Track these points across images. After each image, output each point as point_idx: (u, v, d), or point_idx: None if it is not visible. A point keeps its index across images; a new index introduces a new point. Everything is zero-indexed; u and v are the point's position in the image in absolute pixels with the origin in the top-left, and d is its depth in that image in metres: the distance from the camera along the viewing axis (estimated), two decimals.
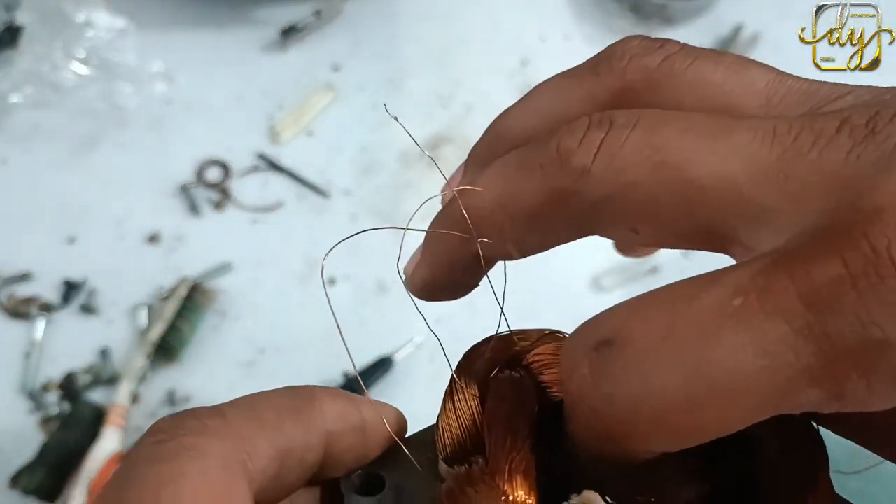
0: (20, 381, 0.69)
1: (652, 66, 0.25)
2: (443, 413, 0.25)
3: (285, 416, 0.24)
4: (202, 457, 0.21)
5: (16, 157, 0.81)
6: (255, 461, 0.22)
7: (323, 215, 0.77)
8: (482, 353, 0.27)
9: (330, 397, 0.26)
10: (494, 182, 0.25)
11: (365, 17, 0.89)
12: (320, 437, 0.25)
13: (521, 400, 0.25)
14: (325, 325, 0.70)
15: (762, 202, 0.20)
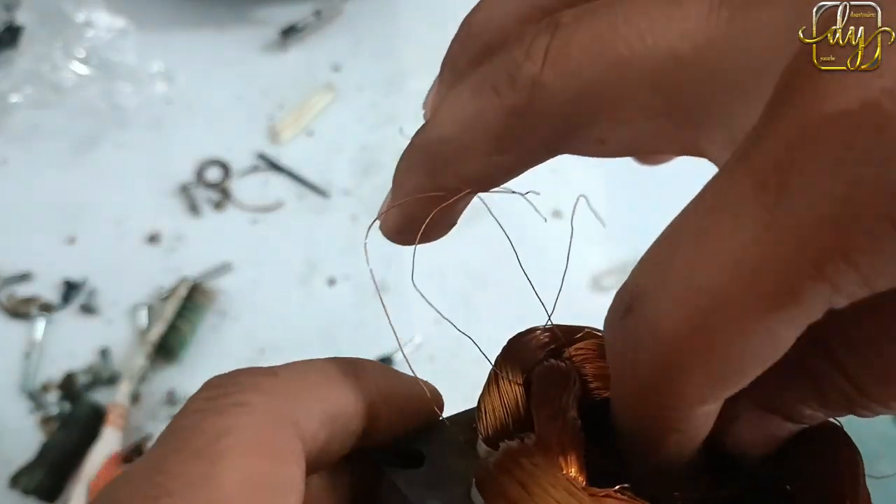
0: (20, 381, 0.69)
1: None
2: (486, 395, 0.25)
3: (333, 380, 0.24)
4: (253, 412, 0.21)
5: (16, 157, 0.81)
6: (307, 423, 0.22)
7: (323, 215, 0.77)
8: (528, 342, 0.27)
9: (373, 366, 0.26)
10: (454, 110, 0.24)
11: (365, 17, 0.89)
12: (364, 406, 0.25)
13: (569, 386, 0.25)
14: (325, 325, 0.70)
15: (721, 79, 0.19)
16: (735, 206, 0.17)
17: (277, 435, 0.21)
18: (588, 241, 0.73)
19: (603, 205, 0.76)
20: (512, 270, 0.26)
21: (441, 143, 0.24)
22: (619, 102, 0.20)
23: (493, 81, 0.22)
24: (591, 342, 0.27)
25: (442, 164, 0.24)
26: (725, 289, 0.17)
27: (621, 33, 0.20)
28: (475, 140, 0.23)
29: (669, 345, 0.18)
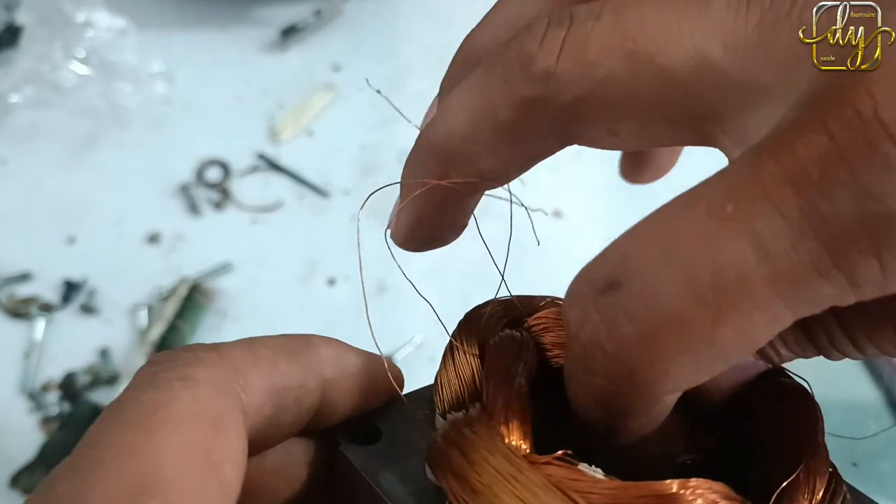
0: (20, 381, 0.69)
1: None
2: (442, 369, 0.25)
3: (281, 355, 0.24)
4: (195, 385, 0.21)
5: (16, 157, 0.81)
6: (249, 395, 0.22)
7: (323, 215, 0.77)
8: (483, 314, 0.27)
9: (328, 343, 0.26)
10: (461, 104, 0.23)
11: (365, 17, 0.89)
12: (317, 381, 0.25)
13: (521, 355, 0.25)
14: (325, 325, 0.70)
15: (747, 79, 0.19)
16: (768, 191, 0.16)
17: (217, 406, 0.21)
18: (588, 241, 0.73)
19: (603, 205, 0.76)
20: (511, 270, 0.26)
21: (450, 137, 0.24)
22: (635, 98, 0.20)
23: (504, 73, 0.22)
24: (553, 311, 0.27)
25: (452, 158, 0.24)
26: (748, 272, 0.17)
27: (645, 28, 0.19)
28: (486, 132, 0.23)
29: (669, 320, 0.18)
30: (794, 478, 0.21)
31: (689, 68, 0.19)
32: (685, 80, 0.19)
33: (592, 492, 0.19)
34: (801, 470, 0.21)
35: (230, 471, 0.20)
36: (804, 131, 0.16)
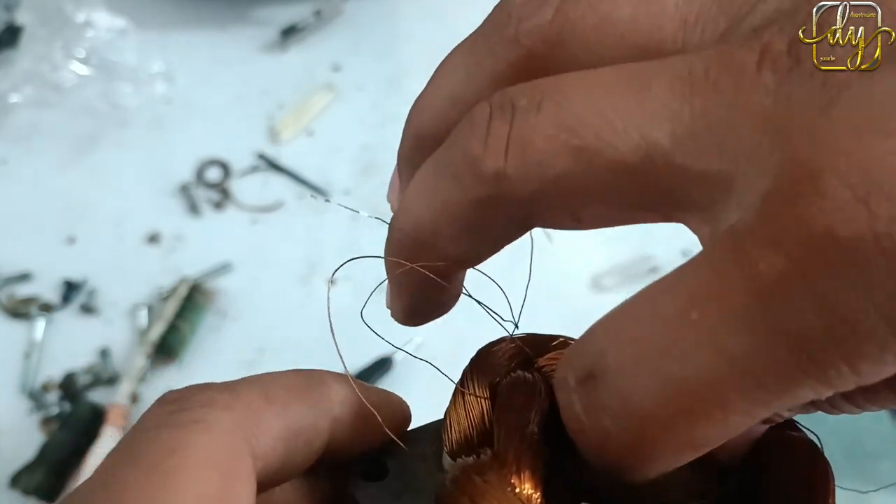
0: (20, 381, 0.69)
1: (544, 23, 0.21)
2: (452, 407, 0.25)
3: (295, 395, 0.24)
4: (209, 429, 0.21)
5: (16, 157, 0.81)
6: (262, 438, 0.22)
7: (323, 215, 0.77)
8: (495, 354, 0.27)
9: (339, 382, 0.26)
10: (420, 197, 0.23)
11: (365, 17, 0.89)
12: (328, 421, 0.24)
13: (533, 399, 0.24)
14: (325, 325, 0.70)
15: (700, 169, 0.18)
16: (730, 302, 0.16)
17: (231, 453, 0.21)
18: (588, 241, 0.73)
19: None
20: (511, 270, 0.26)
21: (416, 229, 0.23)
22: (591, 191, 0.20)
23: (454, 173, 0.21)
24: (563, 353, 0.26)
25: (420, 247, 0.24)
26: (718, 381, 0.17)
27: (588, 121, 0.19)
28: (447, 227, 0.22)
29: (643, 421, 0.18)
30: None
31: (639, 159, 0.18)
32: (638, 171, 0.18)
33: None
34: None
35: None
36: (762, 245, 0.16)
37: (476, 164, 0.20)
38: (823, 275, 0.15)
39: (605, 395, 0.19)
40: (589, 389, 0.19)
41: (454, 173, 0.21)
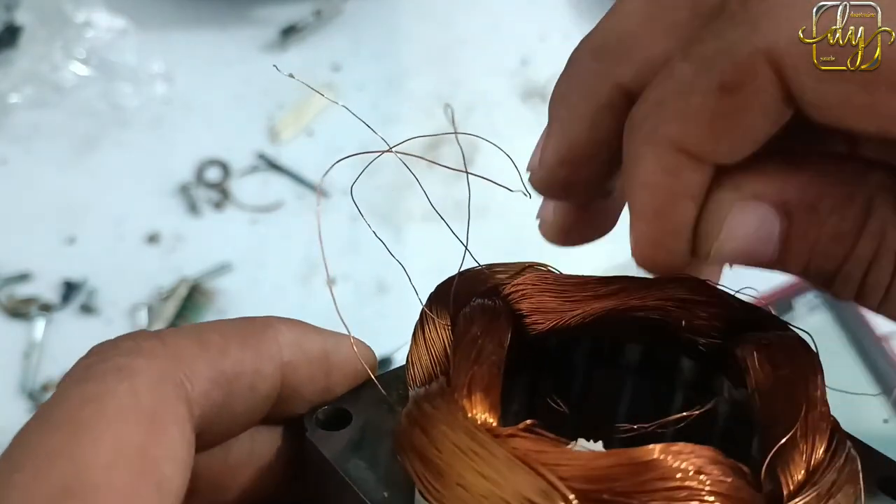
0: (20, 381, 0.69)
1: None
2: (413, 345, 0.25)
3: (232, 340, 0.24)
4: (132, 376, 0.20)
5: (16, 157, 0.81)
6: (194, 383, 0.22)
7: (323, 215, 0.77)
8: (458, 283, 0.27)
9: (286, 326, 0.26)
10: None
11: (365, 17, 0.89)
12: (274, 365, 0.24)
13: (491, 323, 0.24)
14: (324, 325, 0.70)
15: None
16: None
17: (156, 398, 0.20)
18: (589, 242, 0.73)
19: None
20: None
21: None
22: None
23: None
24: (532, 276, 0.26)
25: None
26: None
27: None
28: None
29: None
30: (790, 436, 0.20)
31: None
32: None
33: (561, 463, 0.18)
34: (797, 427, 0.20)
35: (170, 468, 0.20)
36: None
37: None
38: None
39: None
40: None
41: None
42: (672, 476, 0.18)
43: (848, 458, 0.20)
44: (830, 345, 0.64)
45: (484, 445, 0.19)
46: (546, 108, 0.29)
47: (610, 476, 0.18)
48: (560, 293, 0.26)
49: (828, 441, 0.20)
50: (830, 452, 0.20)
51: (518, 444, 0.19)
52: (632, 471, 0.18)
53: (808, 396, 0.21)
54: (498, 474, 0.18)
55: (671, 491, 0.18)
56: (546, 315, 0.25)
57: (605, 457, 0.18)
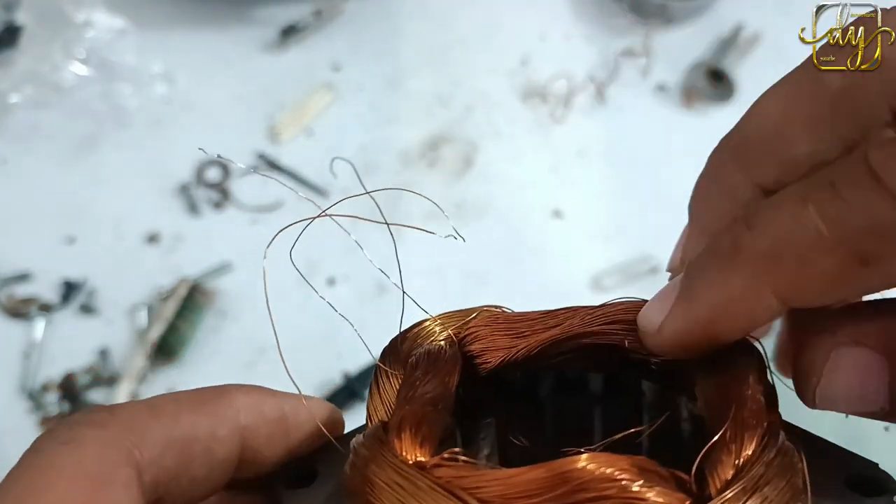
0: (20, 381, 0.69)
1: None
2: (369, 399, 0.25)
3: (186, 407, 0.24)
4: (79, 445, 0.22)
5: (15, 157, 0.81)
6: (144, 449, 0.23)
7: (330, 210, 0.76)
8: (410, 335, 0.28)
9: (242, 392, 0.26)
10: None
11: (365, 17, 0.89)
12: (230, 428, 0.25)
13: (433, 365, 0.25)
14: (324, 325, 0.70)
15: None
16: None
17: (101, 464, 0.21)
18: (588, 241, 0.73)
19: (604, 204, 0.76)
20: (511, 270, 0.26)
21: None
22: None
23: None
24: (483, 318, 0.27)
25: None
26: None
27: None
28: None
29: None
30: (720, 437, 0.20)
31: None
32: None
33: (481, 485, 0.19)
34: (726, 428, 0.20)
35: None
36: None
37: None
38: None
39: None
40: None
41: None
42: (591, 485, 0.18)
43: (780, 451, 0.20)
44: None
45: (408, 478, 0.20)
46: (546, 109, 0.29)
47: (531, 490, 0.19)
48: (508, 330, 0.27)
49: (759, 438, 0.20)
50: (761, 448, 0.20)
51: (442, 473, 0.20)
52: (552, 482, 0.19)
53: (739, 396, 0.21)
54: (419, 501, 0.20)
55: (593, 501, 0.18)
56: (495, 353, 0.26)
57: (526, 472, 0.19)
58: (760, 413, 0.21)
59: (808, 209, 0.19)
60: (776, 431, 0.21)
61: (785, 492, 0.20)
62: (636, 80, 0.83)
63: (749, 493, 0.19)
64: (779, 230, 0.20)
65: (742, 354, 0.23)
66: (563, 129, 0.80)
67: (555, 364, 0.27)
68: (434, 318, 0.28)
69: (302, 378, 0.71)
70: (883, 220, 0.18)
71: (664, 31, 0.86)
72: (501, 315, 0.28)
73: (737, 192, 0.24)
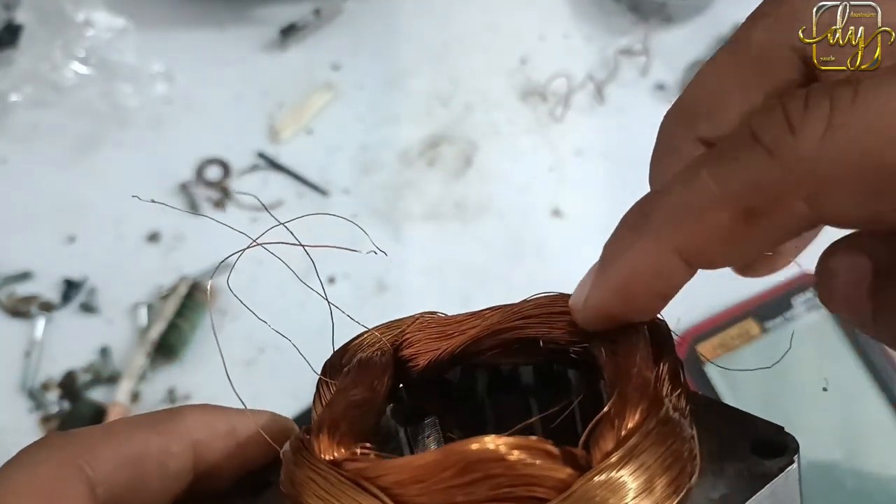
0: (20, 380, 0.69)
1: None
2: (313, 410, 0.27)
3: (139, 427, 0.27)
4: (34, 465, 0.24)
5: (16, 156, 0.81)
6: (96, 466, 0.25)
7: (323, 215, 0.77)
8: (349, 348, 0.31)
9: (194, 409, 0.28)
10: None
11: (364, 16, 0.89)
12: (182, 444, 0.27)
13: (362, 371, 0.27)
14: (324, 324, 0.70)
15: None
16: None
17: (54, 480, 0.24)
18: (588, 241, 0.73)
19: (603, 203, 0.76)
20: (511, 269, 0.27)
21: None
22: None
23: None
24: (417, 324, 0.30)
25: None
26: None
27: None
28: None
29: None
30: (604, 413, 0.22)
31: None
32: None
33: (381, 474, 0.21)
34: (611, 403, 0.22)
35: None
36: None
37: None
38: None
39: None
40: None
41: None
42: (480, 465, 0.20)
43: (660, 421, 0.22)
44: (829, 344, 0.64)
45: (321, 474, 0.22)
46: (545, 108, 0.30)
47: (426, 474, 0.21)
48: (438, 333, 0.29)
49: (642, 411, 0.22)
50: (642, 420, 0.22)
51: (350, 467, 0.22)
52: (445, 465, 0.20)
53: (625, 373, 0.23)
54: (331, 495, 0.22)
55: (481, 480, 0.20)
56: (425, 355, 0.29)
57: (424, 457, 0.21)
58: (644, 388, 0.22)
59: (702, 171, 0.21)
60: (658, 403, 0.22)
61: (665, 457, 0.21)
62: (635, 79, 0.83)
63: (625, 460, 0.20)
64: (678, 194, 0.22)
65: (632, 334, 0.25)
66: (562, 129, 0.80)
67: (488, 360, 0.29)
68: (372, 329, 0.31)
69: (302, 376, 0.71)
70: (761, 175, 0.19)
71: (663, 30, 0.86)
72: (434, 320, 0.30)
73: (682, 151, 0.26)
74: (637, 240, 0.23)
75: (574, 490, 0.20)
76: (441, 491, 0.21)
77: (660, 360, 0.24)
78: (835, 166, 0.18)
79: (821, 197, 0.19)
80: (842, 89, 0.18)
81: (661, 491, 0.21)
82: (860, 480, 0.60)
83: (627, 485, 0.20)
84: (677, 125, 0.27)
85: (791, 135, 0.19)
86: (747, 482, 0.22)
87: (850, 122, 0.18)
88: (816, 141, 0.18)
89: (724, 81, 0.25)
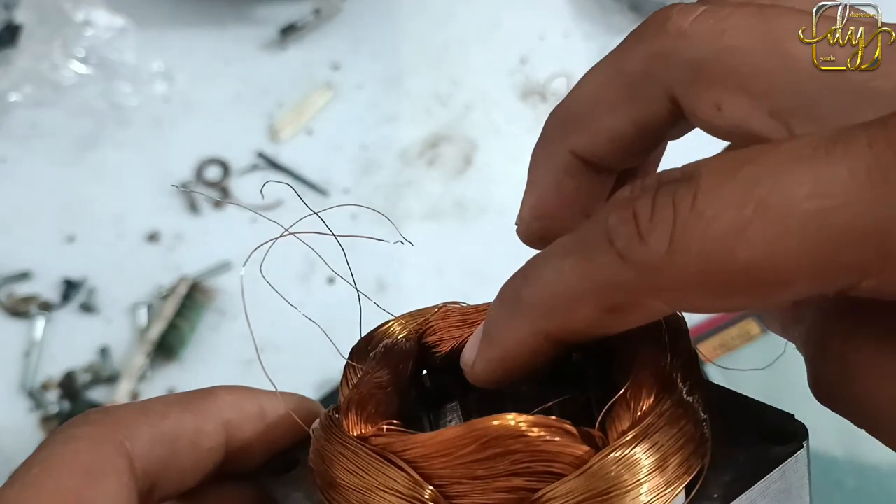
0: (20, 380, 0.69)
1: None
2: (340, 392, 0.28)
3: (173, 406, 0.28)
4: (75, 440, 0.25)
5: (15, 155, 0.81)
6: (135, 442, 0.26)
7: (323, 214, 0.76)
8: (377, 334, 0.32)
9: (226, 390, 0.29)
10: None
11: (364, 16, 0.89)
12: (215, 423, 0.28)
13: (387, 355, 0.28)
14: (324, 324, 0.70)
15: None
16: None
17: (94, 455, 0.25)
18: None
19: None
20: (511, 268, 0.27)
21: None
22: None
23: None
24: (441, 313, 0.31)
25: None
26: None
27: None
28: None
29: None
30: (620, 395, 0.23)
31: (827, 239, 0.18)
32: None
33: (407, 448, 0.22)
34: (627, 387, 0.23)
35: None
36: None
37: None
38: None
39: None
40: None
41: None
42: (500, 441, 0.21)
43: (674, 404, 0.23)
44: None
45: (350, 448, 0.23)
46: (545, 108, 0.30)
47: (449, 449, 0.22)
48: (461, 321, 0.30)
49: (655, 394, 0.23)
50: (656, 403, 0.23)
51: (377, 441, 0.23)
52: (467, 440, 0.21)
53: (639, 360, 0.24)
54: (360, 467, 0.23)
55: (502, 455, 0.21)
56: (448, 342, 0.30)
57: (447, 432, 0.22)
58: (659, 373, 0.23)
59: (566, 266, 0.21)
60: (672, 387, 0.23)
61: (678, 438, 0.22)
62: None
63: (640, 439, 0.21)
64: (545, 286, 0.22)
65: (651, 329, 0.25)
66: None
67: None
68: (397, 318, 0.32)
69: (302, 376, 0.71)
70: (617, 278, 0.20)
71: None
72: (457, 309, 0.31)
73: (557, 158, 0.28)
74: (511, 322, 0.24)
75: (590, 465, 0.21)
76: (464, 465, 0.22)
77: (675, 349, 0.25)
78: (681, 273, 0.19)
79: (675, 299, 0.20)
80: (684, 191, 0.19)
81: (673, 469, 0.22)
82: (860, 480, 0.60)
83: (641, 461, 0.21)
84: (555, 129, 0.28)
85: (640, 242, 0.19)
86: (757, 467, 0.23)
87: (689, 234, 0.18)
88: (662, 253, 0.19)
89: (598, 93, 0.26)
